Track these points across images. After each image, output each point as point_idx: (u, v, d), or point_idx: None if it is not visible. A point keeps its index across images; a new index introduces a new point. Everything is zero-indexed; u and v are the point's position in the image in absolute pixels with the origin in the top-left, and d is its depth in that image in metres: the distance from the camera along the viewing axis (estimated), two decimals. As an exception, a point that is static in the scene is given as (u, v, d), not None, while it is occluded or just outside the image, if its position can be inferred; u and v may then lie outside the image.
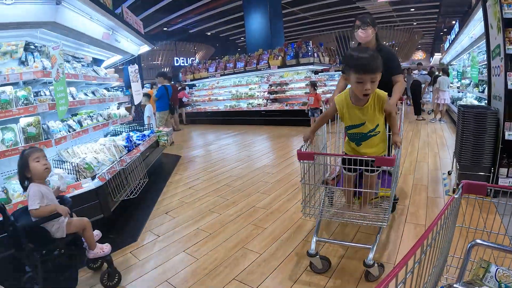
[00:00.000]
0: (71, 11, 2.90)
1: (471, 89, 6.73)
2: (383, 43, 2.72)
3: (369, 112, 1.81)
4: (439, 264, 1.04)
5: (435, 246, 0.89)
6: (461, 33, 7.05)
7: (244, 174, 4.16)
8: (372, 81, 1.65)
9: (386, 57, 2.56)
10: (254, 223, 2.64)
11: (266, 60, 9.56)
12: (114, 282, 1.99)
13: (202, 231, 2.60)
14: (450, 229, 1.08)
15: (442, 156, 4.40)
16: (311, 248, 1.87)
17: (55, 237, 1.86)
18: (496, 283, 1.03)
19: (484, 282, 1.05)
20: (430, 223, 1.17)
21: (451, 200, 1.00)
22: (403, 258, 0.68)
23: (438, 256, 0.96)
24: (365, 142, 1.90)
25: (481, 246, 0.95)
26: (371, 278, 1.79)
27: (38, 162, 1.89)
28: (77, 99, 3.48)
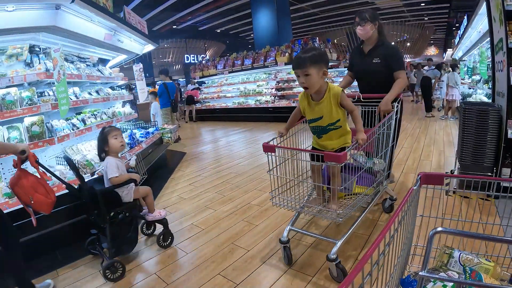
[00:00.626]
0: (70, 15, 3.00)
1: (481, 85, 6.53)
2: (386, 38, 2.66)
3: (326, 107, 1.89)
4: (404, 254, 1.06)
5: (398, 237, 0.91)
6: (470, 27, 6.81)
7: (244, 171, 4.21)
8: (306, 75, 1.77)
9: (386, 53, 2.55)
10: (247, 220, 2.69)
11: (273, 57, 9.54)
12: (168, 242, 2.38)
13: (196, 226, 2.66)
14: (411, 220, 1.10)
15: (447, 154, 4.30)
16: (283, 235, 1.96)
17: (124, 201, 2.21)
18: (461, 267, 1.05)
19: (449, 267, 1.07)
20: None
21: (410, 191, 1.03)
22: (368, 251, 0.69)
23: (402, 246, 0.99)
24: (325, 135, 1.98)
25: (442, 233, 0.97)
26: (332, 274, 1.79)
27: (116, 139, 2.25)
28: (81, 99, 3.60)
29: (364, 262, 0.64)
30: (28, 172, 1.90)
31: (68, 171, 2.94)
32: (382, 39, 2.62)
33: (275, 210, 2.83)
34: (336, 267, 1.74)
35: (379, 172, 2.19)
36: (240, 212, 2.87)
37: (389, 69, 2.54)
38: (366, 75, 2.74)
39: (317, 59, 1.76)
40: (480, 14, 5.15)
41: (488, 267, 1.05)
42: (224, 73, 11.06)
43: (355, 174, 1.96)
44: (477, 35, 6.40)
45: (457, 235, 1.02)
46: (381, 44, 2.60)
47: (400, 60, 2.55)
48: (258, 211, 2.86)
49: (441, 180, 1.14)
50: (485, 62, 5.53)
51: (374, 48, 2.63)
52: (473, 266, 1.05)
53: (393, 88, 2.43)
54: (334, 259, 1.71)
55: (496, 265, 1.08)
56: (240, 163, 4.73)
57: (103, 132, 2.27)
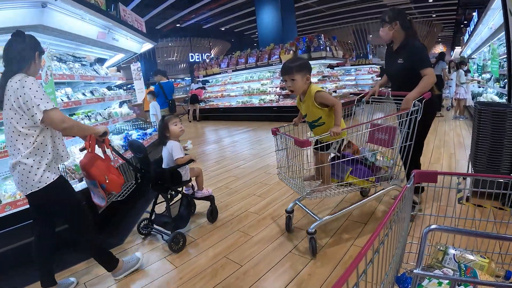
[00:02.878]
0: (58, 13, 2.86)
1: (491, 84, 6.25)
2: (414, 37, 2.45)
3: (308, 106, 2.19)
4: (399, 251, 1.07)
5: (392, 235, 0.91)
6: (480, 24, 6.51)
7: (245, 174, 4.04)
8: (292, 79, 2.12)
9: (409, 53, 2.40)
10: (243, 230, 2.51)
11: (277, 55, 9.32)
12: (215, 217, 2.76)
13: (188, 236, 2.50)
14: (405, 218, 1.10)
15: (458, 157, 4.06)
16: (289, 206, 2.39)
17: (183, 179, 2.54)
18: (456, 264, 1.05)
19: (443, 264, 1.07)
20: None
21: (404, 189, 1.02)
22: (362, 249, 0.67)
23: (396, 244, 0.99)
24: (313, 129, 2.31)
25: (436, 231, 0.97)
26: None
27: (176, 125, 2.59)
28: (73, 100, 3.46)
29: (358, 261, 0.63)
30: (99, 155, 2.03)
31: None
32: (407, 39, 2.43)
33: (273, 219, 2.65)
34: (309, 241, 2.04)
35: (382, 168, 2.29)
36: (236, 220, 2.70)
37: (414, 70, 2.37)
38: (393, 75, 2.67)
39: (302, 67, 2.11)
40: (492, 9, 4.88)
41: (483, 264, 1.05)
42: (228, 71, 10.89)
43: (353, 166, 2.19)
44: (488, 32, 6.12)
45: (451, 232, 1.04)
46: (405, 44, 2.44)
47: (423, 58, 2.36)
48: (255, 220, 2.68)
49: (434, 178, 1.12)
50: (497, 59, 5.27)
51: (399, 48, 2.50)
52: (468, 263, 1.05)
53: (417, 86, 2.30)
54: (311, 232, 2.02)
55: (490, 262, 1.08)
56: (241, 165, 4.55)
57: (164, 120, 2.62)
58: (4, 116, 1.69)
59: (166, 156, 2.57)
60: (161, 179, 2.42)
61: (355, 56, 16.17)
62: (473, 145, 2.79)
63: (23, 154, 1.65)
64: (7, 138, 1.71)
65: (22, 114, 1.63)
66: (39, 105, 1.61)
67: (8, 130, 1.69)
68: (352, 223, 2.47)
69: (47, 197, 1.73)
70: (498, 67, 5.13)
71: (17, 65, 1.69)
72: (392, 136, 2.26)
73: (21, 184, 1.69)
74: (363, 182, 2.20)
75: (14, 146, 1.67)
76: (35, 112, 1.61)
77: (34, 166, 1.66)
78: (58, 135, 1.81)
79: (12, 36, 1.74)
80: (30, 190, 1.68)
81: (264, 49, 10.04)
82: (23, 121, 1.64)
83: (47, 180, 1.69)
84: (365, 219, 2.51)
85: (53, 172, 1.74)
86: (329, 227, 2.40)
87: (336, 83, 10.02)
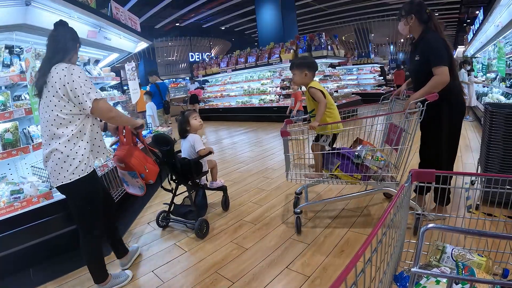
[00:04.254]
0: (44, 11, 2.72)
1: (497, 83, 6.06)
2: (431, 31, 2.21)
3: (307, 98, 2.48)
4: (397, 250, 1.07)
5: (390, 234, 0.91)
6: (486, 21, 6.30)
7: (242, 179, 3.88)
8: (293, 73, 2.51)
9: (424, 48, 2.20)
10: (237, 241, 2.36)
11: (278, 54, 9.16)
12: (227, 205, 3.00)
13: (178, 247, 2.35)
14: (403, 217, 1.11)
15: (465, 161, 3.89)
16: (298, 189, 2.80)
17: (203, 170, 2.74)
18: (453, 262, 1.05)
19: (441, 263, 1.08)
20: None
21: (402, 188, 1.02)
22: (360, 248, 0.66)
23: (394, 243, 0.99)
24: (311, 119, 2.49)
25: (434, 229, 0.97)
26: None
27: (196, 120, 2.76)
28: (62, 102, 3.32)
29: (356, 260, 0.62)
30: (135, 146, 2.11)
31: (41, 183, 2.68)
32: (425, 33, 2.22)
33: (270, 229, 2.49)
34: (295, 220, 2.40)
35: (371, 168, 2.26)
36: (230, 231, 2.55)
37: (430, 67, 2.14)
38: (411, 73, 2.50)
39: (301, 65, 2.46)
40: (501, 5, 4.68)
41: (481, 262, 1.06)
42: (227, 71, 10.74)
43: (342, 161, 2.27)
44: (494, 30, 5.93)
45: (449, 231, 1.04)
46: (421, 39, 2.24)
47: (437, 53, 2.11)
48: (251, 230, 2.53)
49: (432, 176, 1.13)
50: (503, 58, 5.08)
51: (416, 43, 2.30)
52: (466, 261, 1.06)
53: (424, 86, 2.13)
54: (297, 212, 2.39)
55: (488, 260, 1.08)
56: (239, 168, 4.40)
57: (184, 115, 2.77)
58: (45, 103, 1.68)
59: (187, 148, 2.72)
60: (187, 169, 2.56)
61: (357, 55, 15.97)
62: (484, 148, 2.63)
63: (61, 142, 1.64)
64: (45, 125, 1.68)
65: (67, 101, 1.64)
66: (89, 93, 1.64)
67: (47, 118, 1.66)
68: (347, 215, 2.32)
69: (75, 191, 1.73)
70: (505, 66, 4.94)
71: (62, 54, 1.71)
72: (398, 137, 2.18)
73: (53, 174, 1.68)
74: (348, 177, 2.27)
75: (53, 134, 1.66)
76: (84, 100, 1.63)
77: (70, 155, 1.65)
78: (97, 128, 1.82)
79: (57, 26, 1.77)
80: (61, 182, 1.67)
81: (264, 48, 9.88)
82: (67, 108, 1.65)
83: (81, 172, 1.69)
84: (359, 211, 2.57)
85: (88, 165, 1.72)
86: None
87: (337, 82, 9.83)
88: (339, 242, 2.20)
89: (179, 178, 2.65)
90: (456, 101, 2.22)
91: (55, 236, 2.38)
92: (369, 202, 2.82)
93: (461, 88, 2.30)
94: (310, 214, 2.70)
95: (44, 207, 2.44)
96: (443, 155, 2.32)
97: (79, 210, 1.80)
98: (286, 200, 3.07)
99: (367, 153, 2.25)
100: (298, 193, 2.75)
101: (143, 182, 2.07)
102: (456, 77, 2.24)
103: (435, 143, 2.32)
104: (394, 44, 26.65)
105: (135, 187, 2.15)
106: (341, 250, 2.10)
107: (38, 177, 2.83)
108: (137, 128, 2.06)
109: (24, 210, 2.36)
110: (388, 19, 21.39)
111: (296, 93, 6.53)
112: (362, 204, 2.80)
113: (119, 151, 2.05)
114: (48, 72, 1.65)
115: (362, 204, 2.80)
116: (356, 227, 2.39)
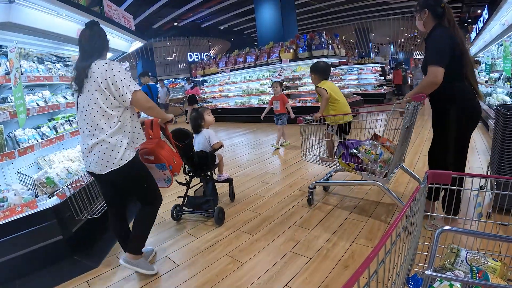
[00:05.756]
0: (29, 9, 2.57)
1: (501, 83, 5.91)
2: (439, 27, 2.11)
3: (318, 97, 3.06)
4: (411, 252, 1.06)
5: (404, 236, 0.90)
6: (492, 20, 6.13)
7: (238, 184, 3.73)
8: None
9: (427, 45, 2.07)
10: (232, 255, 2.19)
11: (277, 53, 9.00)
12: (234, 197, 3.28)
13: (170, 260, 2.20)
14: (418, 218, 1.08)
15: (471, 164, 3.73)
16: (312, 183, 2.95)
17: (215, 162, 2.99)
18: (468, 266, 1.04)
19: (455, 267, 1.06)
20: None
21: (417, 189, 1.00)
22: (374, 249, 0.66)
23: (408, 245, 0.98)
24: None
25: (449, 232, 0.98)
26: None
27: (210, 115, 3.06)
28: (50, 103, 3.17)
29: (370, 260, 0.61)
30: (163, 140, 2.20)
31: (26, 191, 2.53)
32: (434, 28, 2.09)
33: (268, 242, 2.33)
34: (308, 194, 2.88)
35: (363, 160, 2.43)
36: (225, 242, 2.38)
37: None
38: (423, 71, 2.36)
39: (312, 70, 3.27)
40: (508, 3, 4.51)
41: (495, 267, 1.04)
42: (226, 71, 10.57)
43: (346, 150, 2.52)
44: (500, 28, 5.76)
45: (464, 234, 1.03)
46: (430, 34, 2.11)
47: (433, 51, 1.99)
48: (248, 241, 2.36)
49: (448, 178, 1.11)
50: (509, 58, 4.92)
51: (426, 40, 2.17)
52: (480, 265, 1.04)
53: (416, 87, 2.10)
54: (311, 187, 2.88)
55: (503, 265, 1.06)
56: (237, 172, 4.24)
57: (199, 111, 3.01)
58: (87, 96, 1.78)
59: (202, 142, 2.92)
60: (204, 162, 2.78)
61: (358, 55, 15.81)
62: (496, 152, 2.48)
63: (107, 133, 1.77)
64: (88, 118, 1.78)
65: (108, 94, 1.76)
66: (129, 85, 1.77)
67: (90, 111, 1.77)
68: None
69: (127, 174, 1.86)
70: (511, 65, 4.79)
71: (99, 52, 1.85)
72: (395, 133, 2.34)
73: (100, 163, 1.79)
74: (345, 165, 2.54)
75: (96, 126, 1.77)
76: (125, 92, 1.76)
77: (117, 144, 1.79)
78: (135, 118, 1.95)
79: (93, 26, 1.90)
80: (110, 168, 1.79)
81: (263, 47, 9.72)
82: (108, 101, 1.76)
83: (127, 157, 1.83)
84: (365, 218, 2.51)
85: (131, 150, 1.87)
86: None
87: (338, 82, 9.67)
88: (343, 256, 2.04)
89: (195, 171, 2.79)
90: (464, 106, 2.06)
91: (43, 247, 2.27)
92: (374, 210, 2.67)
93: (472, 91, 2.12)
94: (313, 222, 2.54)
95: (28, 216, 2.30)
96: (449, 160, 2.20)
97: (136, 188, 1.98)
98: (287, 207, 2.91)
99: (367, 147, 2.39)
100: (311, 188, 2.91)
101: (171, 174, 2.16)
102: (462, 79, 2.09)
103: (441, 147, 2.23)
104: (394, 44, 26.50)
105: (160, 180, 2.21)
106: (345, 265, 1.94)
107: (24, 184, 2.69)
108: (166, 122, 2.17)
109: (7, 220, 2.22)
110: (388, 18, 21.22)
111: (282, 96, 5.66)
112: (368, 212, 2.64)
113: (147, 144, 2.09)
114: (89, 68, 1.75)
115: (368, 212, 2.64)
116: (361, 238, 2.24)
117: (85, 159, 1.86)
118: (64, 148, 3.55)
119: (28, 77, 2.93)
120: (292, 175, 3.90)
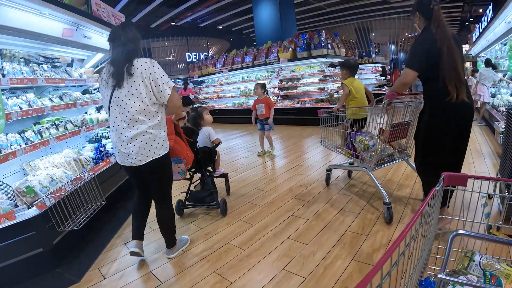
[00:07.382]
0: (9, 8, 2.44)
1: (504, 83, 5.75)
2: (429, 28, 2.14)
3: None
4: (424, 255, 1.05)
5: (419, 238, 0.89)
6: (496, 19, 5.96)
7: (234, 190, 3.56)
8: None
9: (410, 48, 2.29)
10: (221, 272, 2.03)
11: (275, 53, 8.84)
12: (229, 191, 3.47)
13: (154, 277, 2.04)
14: (433, 221, 1.08)
15: (478, 170, 3.56)
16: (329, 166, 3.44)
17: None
18: (481, 271, 1.03)
19: (469, 271, 1.05)
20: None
21: (433, 191, 1.00)
22: (387, 251, 0.65)
23: (422, 247, 0.98)
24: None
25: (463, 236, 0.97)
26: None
27: (208, 115, 3.29)
28: (34, 107, 3.01)
29: (383, 262, 0.61)
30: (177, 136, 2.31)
31: (5, 200, 2.38)
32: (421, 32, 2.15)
33: (261, 257, 2.15)
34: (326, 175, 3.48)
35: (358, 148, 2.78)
36: (214, 257, 2.21)
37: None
38: None
39: (342, 66, 3.53)
40: (514, 1, 4.35)
41: (509, 273, 0.99)
42: (223, 71, 10.42)
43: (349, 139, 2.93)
44: (505, 27, 5.61)
45: (478, 238, 1.03)
46: (415, 38, 2.24)
47: (410, 54, 2.14)
48: (238, 257, 2.18)
49: (464, 181, 1.10)
50: (514, 57, 4.77)
51: None
52: (494, 270, 1.01)
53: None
54: (328, 170, 3.44)
55: None
56: (232, 177, 4.07)
57: (198, 110, 3.25)
58: (129, 92, 1.88)
59: (202, 139, 3.13)
60: (208, 157, 2.95)
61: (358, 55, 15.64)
62: (508, 159, 2.32)
63: (150, 125, 1.92)
64: (128, 112, 1.89)
65: (150, 90, 1.90)
66: (168, 82, 1.95)
67: (132, 105, 1.88)
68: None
69: (163, 163, 2.03)
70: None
71: (136, 51, 1.96)
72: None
73: (141, 153, 1.92)
74: (346, 152, 2.96)
75: (137, 119, 1.89)
76: (165, 88, 1.92)
77: (157, 136, 1.96)
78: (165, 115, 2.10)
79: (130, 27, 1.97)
80: (151, 157, 1.94)
81: (262, 47, 9.56)
82: (149, 96, 1.91)
83: (165, 149, 2.02)
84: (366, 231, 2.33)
85: (167, 143, 2.06)
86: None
87: (338, 83, 9.51)
88: (341, 276, 1.87)
89: (198, 166, 2.93)
90: (437, 105, 2.09)
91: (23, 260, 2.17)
92: (375, 223, 2.51)
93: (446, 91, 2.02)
94: (309, 235, 2.37)
95: (6, 228, 2.16)
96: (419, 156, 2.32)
97: (163, 181, 2.12)
98: (280, 218, 2.75)
99: (362, 137, 2.71)
100: (328, 170, 3.42)
101: (185, 166, 2.33)
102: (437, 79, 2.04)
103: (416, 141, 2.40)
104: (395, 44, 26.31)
105: (175, 173, 2.33)
106: (343, 286, 1.78)
107: (4, 193, 2.53)
108: (179, 119, 2.32)
109: (-17, 232, 2.08)
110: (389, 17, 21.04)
111: (267, 99, 5.24)
112: (368, 227, 2.48)
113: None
114: (131, 66, 1.86)
115: (368, 227, 2.48)
116: (361, 255, 2.07)
117: (122, 152, 1.95)
118: (52, 152, 3.40)
119: (11, 79, 2.77)
120: (288, 181, 3.74)
